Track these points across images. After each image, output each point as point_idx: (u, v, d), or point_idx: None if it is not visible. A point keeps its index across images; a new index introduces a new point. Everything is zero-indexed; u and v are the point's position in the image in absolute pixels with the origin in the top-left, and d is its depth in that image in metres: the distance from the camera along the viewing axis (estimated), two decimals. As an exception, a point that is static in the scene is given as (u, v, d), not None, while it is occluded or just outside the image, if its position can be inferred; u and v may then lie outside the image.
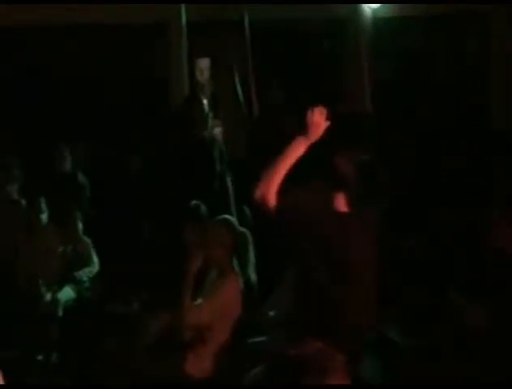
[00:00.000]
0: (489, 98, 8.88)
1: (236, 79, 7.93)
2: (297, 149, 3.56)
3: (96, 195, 6.96)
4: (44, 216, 6.02)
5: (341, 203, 3.66)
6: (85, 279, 5.92)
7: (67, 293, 5.68)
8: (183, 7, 8.11)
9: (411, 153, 8.20)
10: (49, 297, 5.66)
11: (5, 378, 3.09)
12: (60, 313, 5.59)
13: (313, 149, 3.53)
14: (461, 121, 8.66)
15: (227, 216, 5.02)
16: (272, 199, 3.45)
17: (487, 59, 8.85)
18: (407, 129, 8.44)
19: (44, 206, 5.98)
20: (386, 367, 5.30)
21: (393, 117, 8.46)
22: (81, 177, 6.92)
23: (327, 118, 3.50)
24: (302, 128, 3.52)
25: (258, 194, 3.47)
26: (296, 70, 8.59)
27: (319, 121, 3.52)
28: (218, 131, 7.25)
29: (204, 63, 7.39)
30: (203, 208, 5.71)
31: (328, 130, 3.52)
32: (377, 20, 8.33)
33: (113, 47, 8.38)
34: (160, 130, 7.84)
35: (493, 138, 7.94)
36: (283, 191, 3.43)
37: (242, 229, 5.12)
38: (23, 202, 6.23)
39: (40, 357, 5.40)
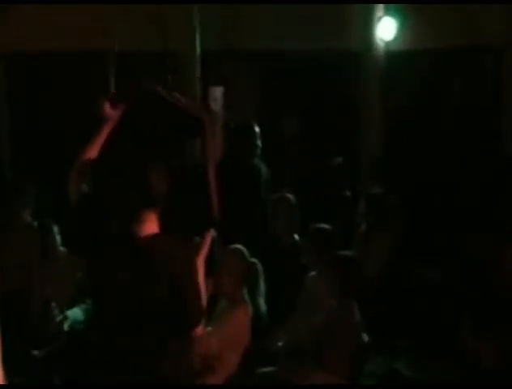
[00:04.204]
0: (501, 131, 8.89)
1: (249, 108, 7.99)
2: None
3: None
4: (57, 241, 6.05)
5: None
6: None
7: (75, 314, 5.69)
8: (197, 36, 8.16)
9: (423, 184, 8.22)
10: (59, 319, 5.69)
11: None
12: (68, 334, 5.62)
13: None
14: (473, 152, 8.66)
15: (238, 246, 5.03)
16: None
17: (499, 94, 8.87)
18: (420, 160, 8.46)
19: (56, 230, 6.02)
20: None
21: (406, 148, 8.49)
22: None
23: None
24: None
25: None
26: (308, 102, 8.64)
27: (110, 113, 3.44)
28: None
29: (218, 92, 7.45)
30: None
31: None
32: (389, 53, 8.35)
33: (125, 75, 8.44)
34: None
35: (505, 167, 7.94)
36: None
37: (253, 259, 5.12)
38: (36, 226, 6.26)
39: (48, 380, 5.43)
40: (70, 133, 8.38)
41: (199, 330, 3.23)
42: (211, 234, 3.16)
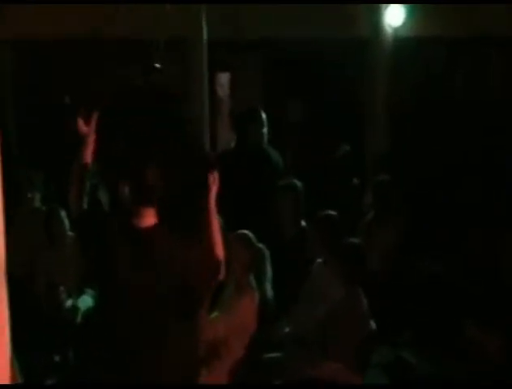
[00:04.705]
0: (504, 126, 8.86)
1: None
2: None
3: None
4: (64, 225, 6.01)
5: None
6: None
7: (86, 302, 5.66)
8: (204, 24, 8.12)
9: (425, 179, 8.18)
10: (68, 304, 5.65)
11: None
12: (79, 320, 5.57)
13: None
14: (480, 143, 8.63)
15: (244, 231, 4.98)
16: None
17: (509, 83, 8.84)
18: (426, 150, 8.42)
19: (63, 215, 5.98)
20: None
21: (408, 143, 8.46)
22: (102, 190, 6.92)
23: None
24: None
25: None
26: (314, 90, 8.59)
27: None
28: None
29: (224, 78, 7.40)
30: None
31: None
32: (397, 41, 8.28)
33: (132, 62, 8.40)
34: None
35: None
36: None
37: (259, 245, 5.07)
38: (44, 211, 6.23)
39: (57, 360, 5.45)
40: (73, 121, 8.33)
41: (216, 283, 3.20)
42: (214, 175, 3.12)
